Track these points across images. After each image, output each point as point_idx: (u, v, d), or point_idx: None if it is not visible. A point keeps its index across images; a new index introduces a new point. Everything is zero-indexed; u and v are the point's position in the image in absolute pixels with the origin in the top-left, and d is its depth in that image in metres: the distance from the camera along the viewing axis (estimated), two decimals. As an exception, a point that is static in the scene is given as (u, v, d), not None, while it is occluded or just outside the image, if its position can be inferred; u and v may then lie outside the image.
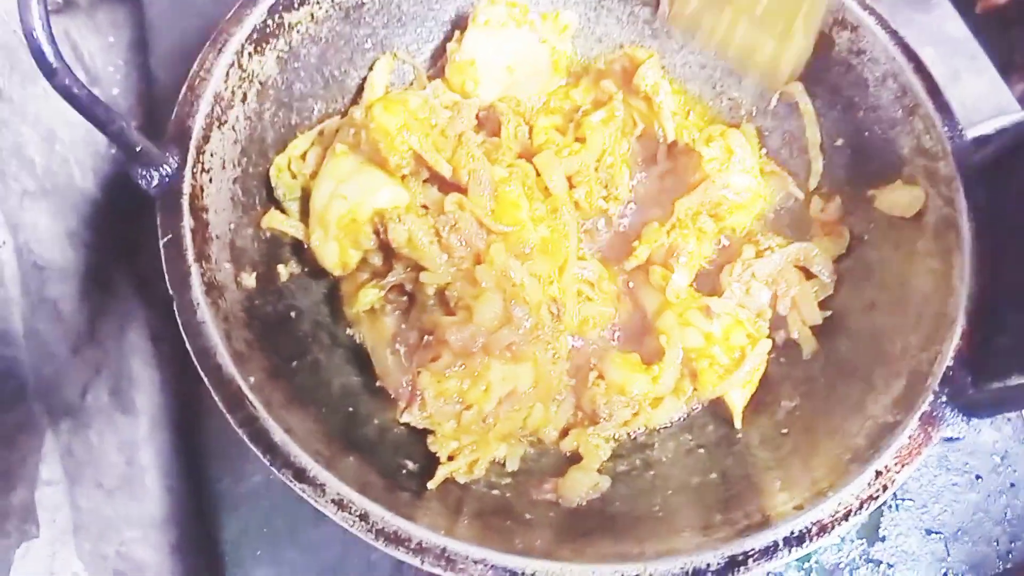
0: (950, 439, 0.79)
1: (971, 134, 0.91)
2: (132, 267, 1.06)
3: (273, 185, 0.96)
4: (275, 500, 0.96)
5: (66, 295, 0.93)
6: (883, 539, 1.02)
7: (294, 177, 0.96)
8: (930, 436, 0.78)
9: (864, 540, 1.02)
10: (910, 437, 0.78)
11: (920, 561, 1.02)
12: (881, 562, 1.01)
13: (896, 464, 0.77)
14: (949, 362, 0.81)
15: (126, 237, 1.04)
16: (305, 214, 0.96)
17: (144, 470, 1.01)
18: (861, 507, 0.75)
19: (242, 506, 0.97)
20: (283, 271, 0.94)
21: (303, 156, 0.97)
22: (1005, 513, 1.04)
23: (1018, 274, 0.83)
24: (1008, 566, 1.02)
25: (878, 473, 0.77)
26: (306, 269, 0.97)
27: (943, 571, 1.02)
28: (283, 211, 0.97)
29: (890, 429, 0.80)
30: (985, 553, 1.03)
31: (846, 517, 0.75)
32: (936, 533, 1.03)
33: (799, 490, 0.79)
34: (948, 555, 1.02)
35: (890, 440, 0.79)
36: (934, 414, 0.79)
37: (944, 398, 0.80)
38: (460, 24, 1.08)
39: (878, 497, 0.76)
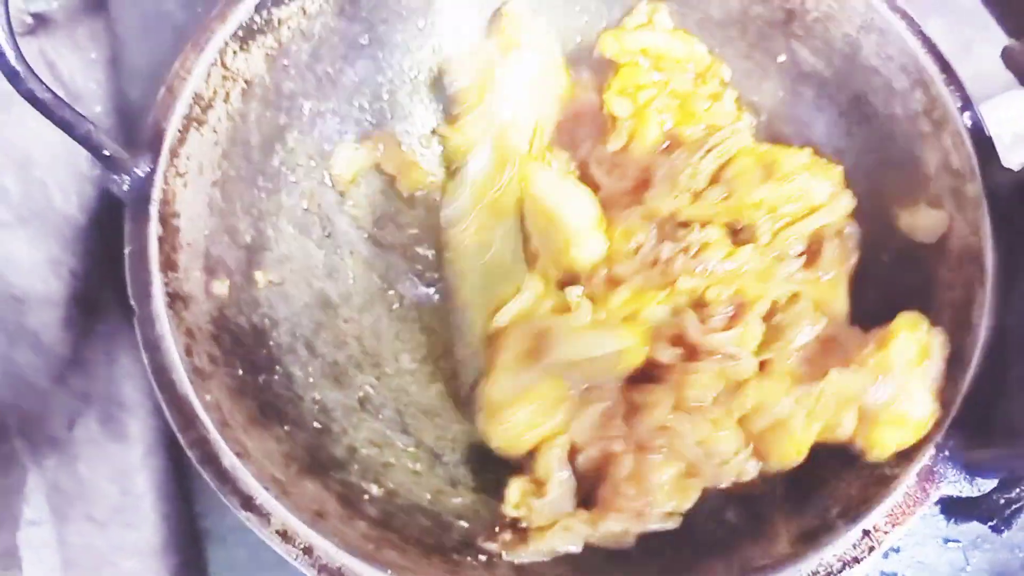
0: (952, 497, 0.71)
1: (985, 110, 0.82)
2: (121, 289, 1.04)
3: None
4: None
5: (48, 324, 0.92)
6: (898, 550, 0.97)
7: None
8: (927, 494, 0.71)
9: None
10: (905, 494, 0.72)
11: (938, 572, 0.97)
12: (896, 574, 0.97)
13: (887, 524, 0.71)
14: (956, 411, 0.74)
15: (113, 258, 1.01)
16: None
17: (139, 497, 0.99)
18: (842, 569, 0.69)
19: (228, 538, 0.95)
20: (261, 278, 0.91)
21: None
22: None
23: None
24: None
25: (866, 532, 0.71)
26: (287, 278, 0.94)
27: None
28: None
29: (885, 483, 0.73)
30: (1007, 560, 0.98)
31: (824, 580, 0.69)
32: (954, 542, 0.98)
33: (779, 540, 0.73)
34: (967, 564, 0.97)
35: (884, 495, 0.72)
36: (935, 469, 0.72)
37: (947, 452, 0.73)
38: (464, 18, 1.03)
39: (862, 559, 0.70)
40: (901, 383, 0.74)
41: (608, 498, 0.75)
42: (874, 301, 0.89)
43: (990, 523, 0.73)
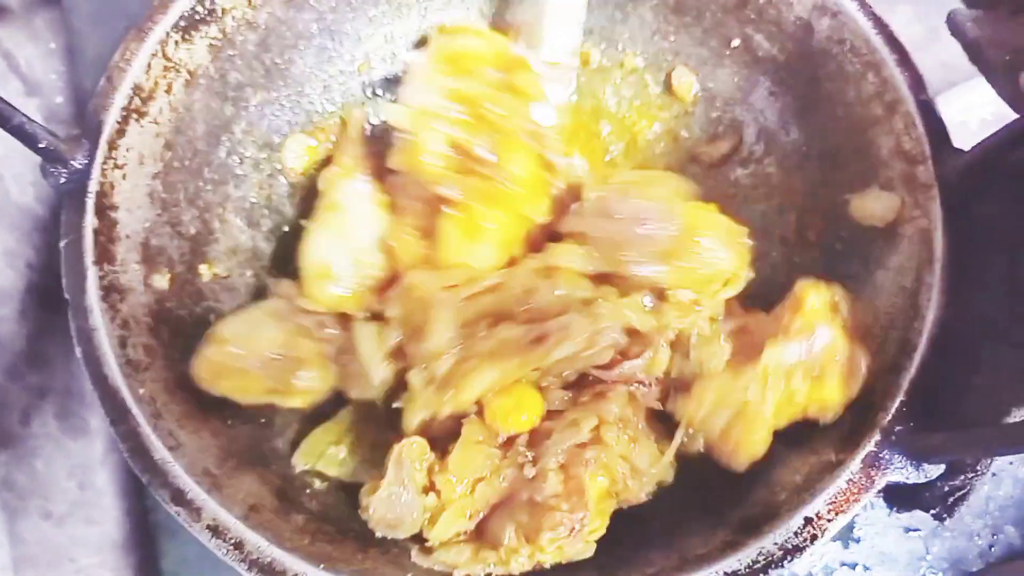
0: (896, 484, 0.70)
1: (948, 100, 0.81)
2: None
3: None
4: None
5: (3, 318, 0.91)
6: (858, 540, 0.96)
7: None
8: (872, 481, 0.70)
9: (839, 542, 0.96)
10: (849, 481, 0.70)
11: (898, 561, 0.96)
12: (857, 564, 0.96)
13: (829, 512, 0.69)
14: (903, 396, 0.73)
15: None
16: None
17: (100, 493, 0.98)
18: (784, 558, 0.68)
19: (181, 533, 0.93)
20: (205, 271, 0.89)
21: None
22: (987, 504, 0.98)
23: (992, 302, 0.73)
24: (990, 560, 0.97)
25: (808, 520, 0.69)
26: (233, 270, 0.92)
27: (922, 570, 0.96)
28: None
29: (829, 470, 0.71)
30: (966, 548, 0.97)
31: (765, 570, 0.67)
32: (914, 531, 0.97)
33: (720, 529, 0.72)
34: (927, 553, 0.97)
35: (827, 482, 0.71)
36: (880, 456, 0.71)
37: (893, 438, 0.71)
38: (420, 10, 1.02)
39: (804, 548, 0.68)
40: (827, 337, 0.75)
41: (529, 521, 0.72)
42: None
43: (932, 511, 0.72)
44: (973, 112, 1.13)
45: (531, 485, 0.74)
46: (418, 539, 0.76)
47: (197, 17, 0.88)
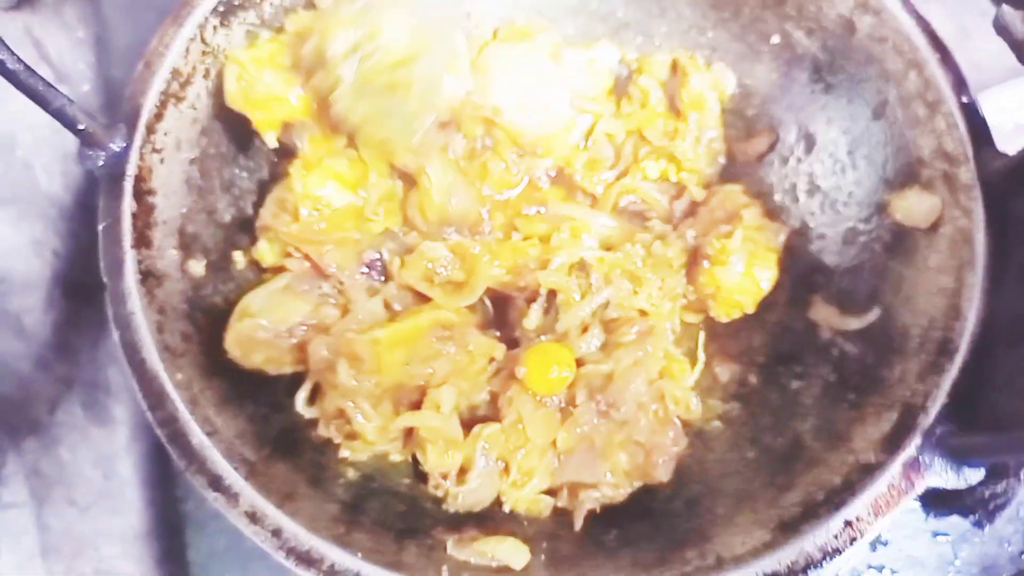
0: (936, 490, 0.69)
1: (985, 100, 0.80)
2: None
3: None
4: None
5: (30, 307, 0.91)
6: (886, 543, 0.96)
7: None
8: (912, 485, 0.69)
9: (867, 544, 0.94)
10: (890, 484, 0.70)
11: (926, 566, 0.95)
12: (884, 567, 0.95)
13: (870, 515, 0.69)
14: (945, 399, 0.72)
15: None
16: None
17: (124, 483, 0.98)
18: (823, 559, 0.68)
19: (209, 525, 0.94)
20: (240, 258, 0.89)
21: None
22: (1018, 511, 0.96)
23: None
24: (1022, 567, 0.95)
25: (848, 523, 0.69)
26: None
27: (950, 575, 0.95)
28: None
29: (869, 472, 0.71)
30: (996, 554, 0.96)
31: (804, 571, 0.67)
32: (943, 535, 0.96)
33: (758, 529, 0.71)
34: (956, 558, 0.96)
35: (868, 484, 0.70)
36: (921, 459, 0.70)
37: (934, 440, 0.71)
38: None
39: (844, 551, 0.68)
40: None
41: (632, 457, 0.83)
42: (865, 290, 0.87)
43: (972, 517, 0.71)
44: (1007, 115, 1.12)
45: (623, 427, 0.83)
46: (456, 523, 0.79)
47: (236, 3, 0.87)
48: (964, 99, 0.82)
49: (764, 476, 0.79)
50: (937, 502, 0.73)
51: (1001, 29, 0.73)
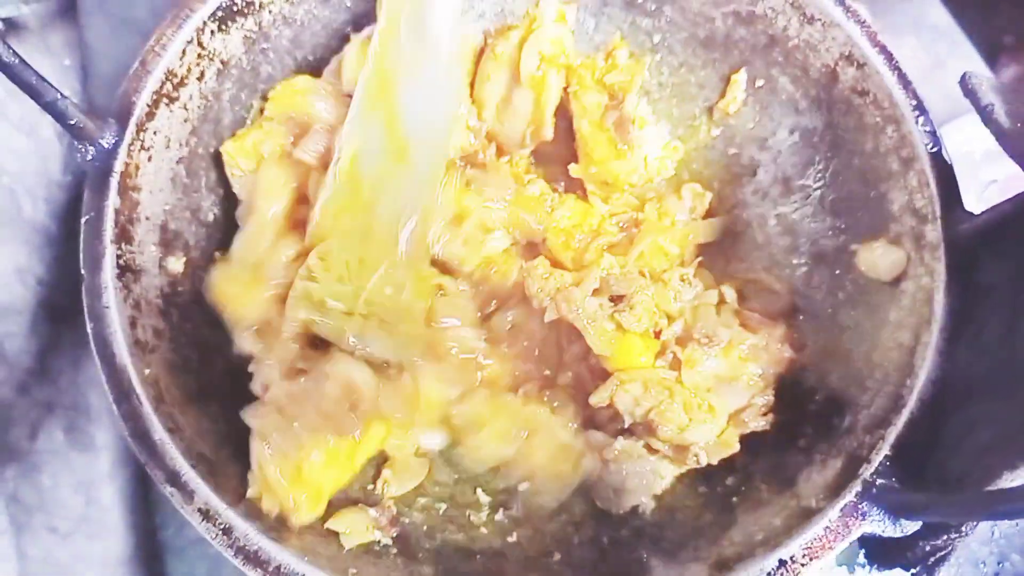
0: (876, 539, 0.71)
1: (953, 131, 0.80)
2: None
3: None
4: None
5: (12, 333, 0.91)
6: (863, 565, 0.94)
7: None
8: (848, 530, 0.71)
9: (844, 567, 0.93)
10: (826, 528, 0.71)
11: None
12: None
13: (804, 556, 0.71)
14: (888, 451, 0.74)
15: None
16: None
17: (106, 509, 0.98)
18: (754, 599, 0.69)
19: (188, 551, 0.95)
20: (220, 258, 0.91)
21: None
22: (992, 532, 0.97)
23: (998, 363, 0.74)
24: None
25: (782, 562, 0.71)
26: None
27: None
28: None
29: (808, 515, 0.73)
30: None
31: (735, 608, 0.69)
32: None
33: (696, 564, 0.73)
34: None
35: (805, 527, 0.72)
36: (859, 507, 0.72)
37: (875, 491, 0.72)
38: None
39: (776, 591, 0.70)
40: None
41: None
42: (821, 338, 0.89)
43: (912, 572, 0.73)
44: (977, 143, 1.13)
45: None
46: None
47: (235, 8, 0.89)
48: (938, 158, 0.84)
49: (711, 513, 0.81)
50: (880, 554, 0.75)
51: (968, 92, 0.74)
